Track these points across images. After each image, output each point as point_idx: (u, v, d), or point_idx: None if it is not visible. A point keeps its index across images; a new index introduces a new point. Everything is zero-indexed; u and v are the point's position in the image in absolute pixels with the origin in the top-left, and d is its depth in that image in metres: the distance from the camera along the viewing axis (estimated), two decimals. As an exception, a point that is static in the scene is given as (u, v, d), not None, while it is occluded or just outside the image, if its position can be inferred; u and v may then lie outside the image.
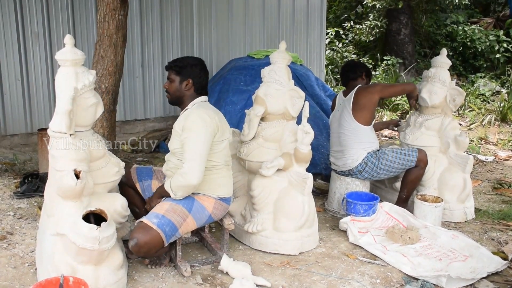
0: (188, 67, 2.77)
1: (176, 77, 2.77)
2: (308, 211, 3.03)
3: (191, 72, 2.77)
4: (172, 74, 2.79)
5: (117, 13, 3.81)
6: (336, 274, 2.82)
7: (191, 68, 2.77)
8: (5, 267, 2.77)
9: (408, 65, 10.84)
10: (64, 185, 2.32)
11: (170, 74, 2.80)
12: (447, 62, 3.90)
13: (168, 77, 2.81)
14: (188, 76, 2.76)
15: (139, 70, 6.31)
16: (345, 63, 4.13)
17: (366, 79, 3.85)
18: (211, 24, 6.87)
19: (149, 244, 2.51)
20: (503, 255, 3.08)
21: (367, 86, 3.73)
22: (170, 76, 2.80)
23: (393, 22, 11.13)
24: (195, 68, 2.78)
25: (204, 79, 2.82)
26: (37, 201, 3.81)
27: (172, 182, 2.63)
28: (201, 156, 2.60)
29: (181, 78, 2.77)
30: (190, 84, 2.77)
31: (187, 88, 2.77)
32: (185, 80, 2.76)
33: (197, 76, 2.78)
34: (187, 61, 2.80)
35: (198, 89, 2.80)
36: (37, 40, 5.53)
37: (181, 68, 2.76)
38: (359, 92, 3.67)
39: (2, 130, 5.46)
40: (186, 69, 2.76)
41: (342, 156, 3.72)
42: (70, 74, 2.45)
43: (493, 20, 12.12)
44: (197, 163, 2.59)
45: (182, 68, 2.76)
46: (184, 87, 2.77)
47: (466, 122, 7.87)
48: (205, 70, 2.84)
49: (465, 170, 3.72)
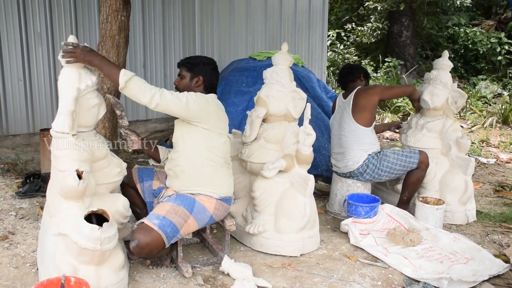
0: (200, 65, 2.81)
1: (187, 73, 2.81)
2: (309, 213, 3.03)
3: (202, 69, 2.81)
4: (183, 70, 2.83)
5: (119, 14, 3.83)
6: (337, 276, 2.82)
7: (203, 66, 2.82)
8: (7, 267, 2.77)
9: (409, 67, 10.84)
10: (66, 185, 2.33)
11: (182, 71, 2.83)
12: (449, 64, 3.91)
13: (179, 74, 2.85)
14: (199, 73, 2.80)
15: (141, 71, 6.32)
16: (343, 67, 4.16)
17: (364, 81, 3.86)
18: (213, 26, 6.88)
19: (151, 245, 2.51)
20: (504, 257, 3.08)
21: (367, 88, 3.73)
22: (181, 72, 2.83)
23: (394, 24, 11.13)
24: (207, 66, 2.83)
25: (214, 78, 2.86)
26: (39, 201, 3.82)
27: (137, 78, 2.52)
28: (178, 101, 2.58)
29: (191, 75, 2.80)
30: (200, 81, 2.80)
31: (197, 85, 2.80)
32: (195, 77, 2.80)
33: (208, 74, 2.82)
34: (199, 59, 2.85)
35: (208, 87, 2.83)
36: (39, 41, 5.54)
37: (193, 65, 2.81)
38: (359, 94, 3.67)
39: (4, 130, 5.47)
40: (198, 66, 2.80)
41: (343, 158, 3.72)
42: (73, 75, 2.45)
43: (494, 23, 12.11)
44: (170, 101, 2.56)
45: (194, 65, 2.81)
46: (194, 83, 2.80)
47: (467, 124, 7.87)
48: (216, 70, 2.88)
49: (467, 172, 3.72)
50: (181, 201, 2.69)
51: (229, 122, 2.98)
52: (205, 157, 2.73)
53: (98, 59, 2.50)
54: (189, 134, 2.73)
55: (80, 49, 2.46)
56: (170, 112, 2.64)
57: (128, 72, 2.52)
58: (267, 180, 3.08)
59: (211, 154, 2.74)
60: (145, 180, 2.97)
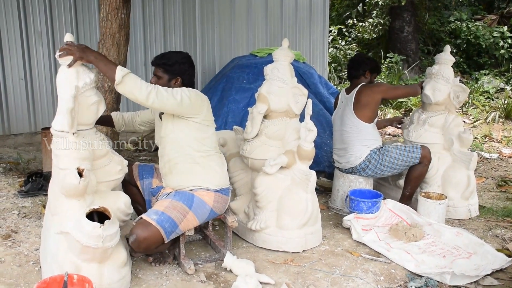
0: (177, 65, 2.74)
1: (164, 74, 2.75)
2: (311, 209, 3.03)
3: (180, 70, 2.75)
4: (159, 71, 2.75)
5: (119, 12, 3.82)
6: (339, 272, 2.81)
7: (179, 66, 2.75)
8: (10, 265, 2.78)
9: (411, 62, 10.81)
10: (68, 184, 2.33)
11: (157, 71, 2.76)
12: (451, 59, 3.89)
13: (155, 74, 2.78)
14: (177, 74, 2.75)
15: (142, 69, 6.32)
16: (351, 58, 4.04)
17: (370, 77, 3.81)
18: (213, 23, 6.87)
19: (148, 240, 2.52)
20: (507, 252, 3.07)
21: (371, 85, 3.71)
22: (158, 73, 2.76)
23: (396, 19, 11.10)
24: (183, 66, 2.77)
25: (192, 75, 2.83)
26: (41, 199, 3.83)
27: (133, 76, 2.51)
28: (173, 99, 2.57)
29: (169, 77, 2.75)
30: (179, 82, 2.77)
31: (176, 86, 2.76)
32: (173, 78, 2.75)
33: (186, 73, 2.78)
34: (174, 59, 2.75)
35: (187, 85, 2.81)
36: (40, 40, 5.55)
37: (169, 66, 2.73)
38: (362, 90, 3.66)
39: (6, 130, 5.48)
40: (174, 67, 2.74)
41: (345, 153, 3.71)
42: (71, 73, 2.45)
43: (497, 17, 12.06)
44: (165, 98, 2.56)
45: (170, 66, 2.73)
46: (173, 84, 2.76)
47: (470, 119, 7.84)
48: (192, 66, 2.83)
49: (469, 167, 3.71)
50: (180, 197, 2.69)
51: (231, 119, 2.97)
52: (196, 149, 2.74)
53: (94, 55, 2.49)
54: (180, 128, 2.71)
55: (76, 46, 2.45)
56: (165, 109, 2.63)
57: (125, 68, 2.51)
58: (269, 177, 3.07)
59: (202, 146, 2.75)
60: (145, 177, 2.97)
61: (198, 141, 2.74)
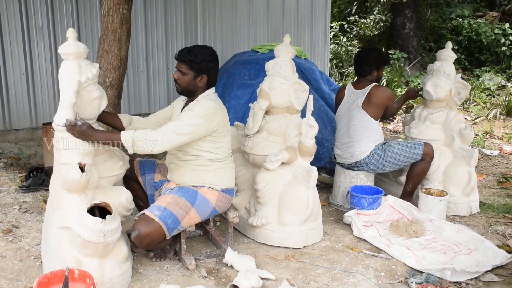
0: (204, 63, 2.66)
1: (189, 71, 2.66)
2: (312, 205, 3.03)
3: (207, 67, 2.68)
4: (184, 67, 2.66)
5: (121, 7, 3.81)
6: (340, 267, 2.82)
7: (207, 64, 2.67)
8: (11, 260, 2.79)
9: (413, 59, 10.78)
10: (69, 179, 2.34)
11: (182, 67, 2.67)
12: (452, 55, 3.88)
13: (179, 69, 2.69)
14: (204, 72, 2.68)
15: (143, 65, 6.31)
16: (358, 54, 3.92)
17: (376, 74, 3.76)
18: (215, 19, 6.85)
19: (151, 236, 2.52)
20: (508, 248, 3.07)
21: (384, 89, 3.73)
22: (182, 68, 2.67)
23: (397, 16, 11.06)
24: (211, 63, 2.69)
25: (217, 71, 2.79)
26: (42, 195, 3.83)
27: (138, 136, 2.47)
28: (183, 135, 2.56)
29: (195, 74, 2.67)
30: (205, 80, 2.71)
31: (201, 83, 2.71)
32: (199, 75, 2.68)
33: (212, 71, 2.72)
34: (202, 56, 2.65)
35: (212, 83, 2.76)
36: (41, 35, 5.53)
37: (196, 64, 2.64)
38: (375, 90, 3.65)
39: (7, 125, 5.48)
40: (201, 64, 2.65)
41: (349, 147, 3.70)
42: (73, 68, 2.44)
43: (499, 14, 12.01)
44: (175, 140, 2.55)
45: (197, 64, 2.65)
46: (198, 81, 2.70)
47: (471, 116, 7.83)
48: (218, 62, 2.77)
49: (470, 163, 3.71)
50: (183, 193, 2.69)
51: (232, 115, 2.96)
52: (209, 157, 2.72)
53: (94, 136, 2.45)
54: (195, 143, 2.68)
55: (77, 128, 2.41)
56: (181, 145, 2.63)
57: (126, 133, 2.48)
58: (270, 173, 3.07)
59: (215, 154, 2.73)
60: (147, 173, 2.97)
61: (212, 152, 2.71)
